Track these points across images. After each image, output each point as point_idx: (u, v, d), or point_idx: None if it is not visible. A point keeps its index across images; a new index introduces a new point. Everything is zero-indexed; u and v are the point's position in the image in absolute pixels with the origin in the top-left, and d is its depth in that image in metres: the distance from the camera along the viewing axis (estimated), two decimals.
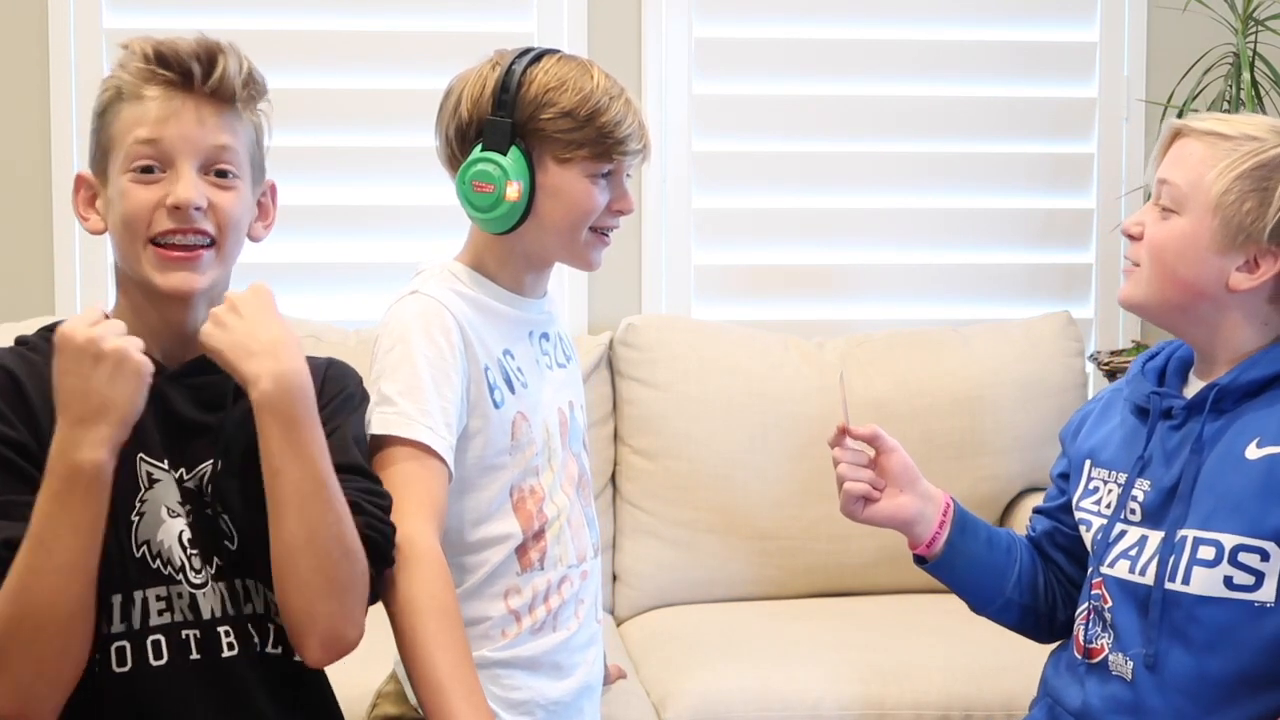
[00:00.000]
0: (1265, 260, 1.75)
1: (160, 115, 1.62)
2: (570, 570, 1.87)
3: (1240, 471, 1.73)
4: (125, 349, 1.51)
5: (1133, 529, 1.81)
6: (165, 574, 1.61)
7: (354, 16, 3.11)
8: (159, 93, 1.63)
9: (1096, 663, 1.81)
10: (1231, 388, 1.77)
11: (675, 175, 3.15)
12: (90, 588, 1.53)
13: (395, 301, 1.83)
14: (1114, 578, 1.80)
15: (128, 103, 1.64)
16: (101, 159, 1.66)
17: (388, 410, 1.74)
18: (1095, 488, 1.89)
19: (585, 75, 1.82)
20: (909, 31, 3.21)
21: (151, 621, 1.60)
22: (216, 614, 1.63)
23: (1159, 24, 3.23)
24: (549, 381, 1.90)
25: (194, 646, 1.62)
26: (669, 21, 3.14)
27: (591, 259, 1.88)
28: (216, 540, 1.64)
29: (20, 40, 3.05)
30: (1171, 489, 1.77)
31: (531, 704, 1.83)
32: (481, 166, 1.79)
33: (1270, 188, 1.74)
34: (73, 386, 1.50)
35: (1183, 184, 1.78)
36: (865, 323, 3.14)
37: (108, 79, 1.67)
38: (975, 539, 1.94)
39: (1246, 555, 1.70)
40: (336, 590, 1.60)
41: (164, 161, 1.62)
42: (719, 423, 2.88)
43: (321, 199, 3.06)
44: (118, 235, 1.65)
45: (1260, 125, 1.78)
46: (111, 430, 1.51)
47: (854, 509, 1.91)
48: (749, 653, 2.54)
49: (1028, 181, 3.25)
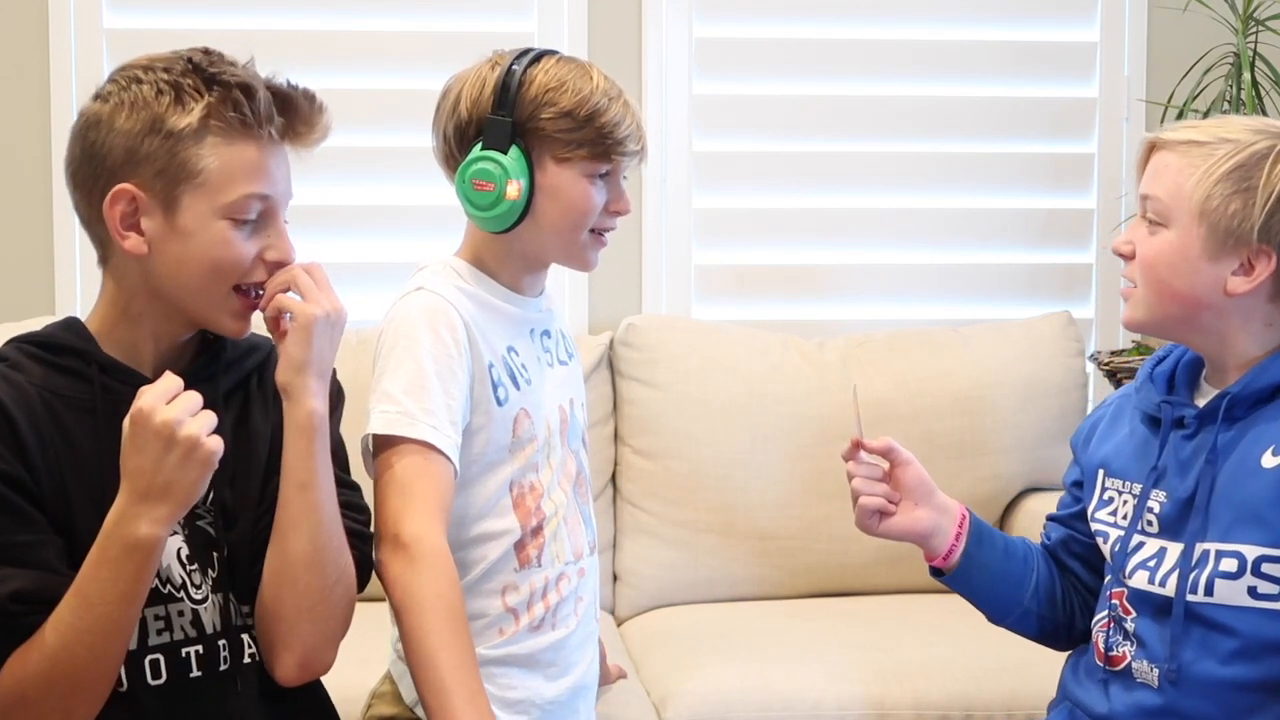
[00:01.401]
0: (1260, 260, 1.73)
1: (270, 170, 1.62)
2: (567, 567, 1.87)
3: (1257, 480, 1.71)
4: (198, 439, 1.49)
5: (1151, 540, 1.79)
6: (164, 593, 1.60)
7: (354, 16, 3.11)
8: (270, 144, 1.62)
9: (1119, 670, 1.80)
10: (1243, 395, 1.75)
11: (675, 175, 3.15)
12: (126, 647, 1.54)
13: (400, 298, 1.82)
14: (1135, 589, 1.79)
15: (231, 142, 1.59)
16: (167, 181, 1.58)
17: (390, 409, 1.74)
18: (1110, 498, 1.87)
19: (584, 76, 1.82)
20: (909, 31, 3.21)
21: (150, 641, 1.60)
22: (217, 627, 1.63)
23: (1159, 24, 3.22)
24: (550, 378, 1.89)
25: (195, 663, 1.61)
26: (669, 21, 3.14)
27: (589, 260, 1.88)
28: (208, 552, 1.64)
29: (20, 40, 3.05)
30: (1188, 500, 1.75)
31: (527, 703, 1.83)
32: (482, 165, 1.79)
33: (1253, 186, 1.71)
34: (141, 465, 1.49)
35: (1164, 196, 1.76)
36: (865, 323, 3.14)
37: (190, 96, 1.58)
38: (992, 550, 1.93)
39: (1270, 566, 1.69)
40: (325, 610, 1.61)
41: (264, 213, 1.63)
42: (719, 423, 2.88)
43: (324, 199, 3.05)
44: (198, 275, 1.61)
45: (1234, 126, 1.76)
46: (174, 510, 1.51)
47: (870, 523, 1.88)
48: (749, 653, 2.54)
49: (1028, 181, 3.25)
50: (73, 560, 1.54)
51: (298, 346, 1.61)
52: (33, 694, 1.51)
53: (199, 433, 1.49)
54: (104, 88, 1.63)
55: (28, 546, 1.53)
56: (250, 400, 1.70)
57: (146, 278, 1.62)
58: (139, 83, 1.59)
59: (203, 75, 1.60)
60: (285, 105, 1.63)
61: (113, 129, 1.59)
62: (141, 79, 1.60)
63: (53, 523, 1.55)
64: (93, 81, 1.68)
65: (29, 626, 1.52)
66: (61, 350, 1.61)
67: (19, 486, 1.54)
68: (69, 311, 2.85)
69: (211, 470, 1.51)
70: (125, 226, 1.60)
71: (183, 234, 1.59)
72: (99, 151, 1.59)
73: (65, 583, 1.52)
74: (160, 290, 1.63)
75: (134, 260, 1.61)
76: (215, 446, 1.50)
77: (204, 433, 1.49)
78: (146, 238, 1.60)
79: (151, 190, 1.59)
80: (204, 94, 1.59)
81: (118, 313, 1.64)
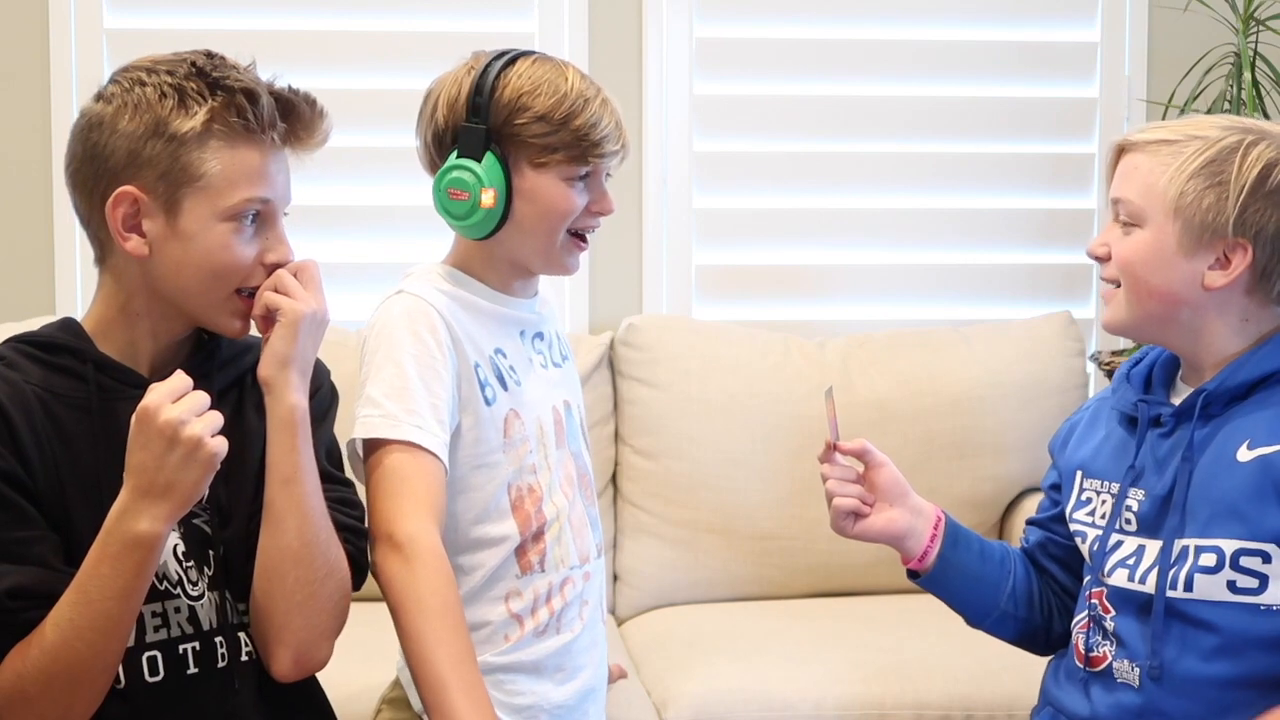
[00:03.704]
0: (1235, 254, 1.73)
1: (271, 175, 1.64)
2: (572, 571, 1.86)
3: (1233, 475, 1.71)
4: (201, 439, 1.49)
5: (1129, 539, 1.80)
6: (161, 589, 1.61)
7: (355, 16, 3.11)
8: (271, 149, 1.63)
9: (1099, 671, 1.80)
10: (1219, 392, 1.75)
11: (675, 175, 3.15)
12: (125, 643, 1.55)
13: (381, 302, 1.83)
14: (1114, 587, 1.79)
15: (234, 146, 1.60)
16: (169, 184, 1.59)
17: (373, 413, 1.74)
18: (1088, 499, 1.87)
19: (560, 77, 1.81)
20: (909, 31, 3.20)
21: (148, 638, 1.60)
22: (214, 624, 1.63)
23: (1160, 24, 3.22)
24: (542, 380, 1.89)
25: (192, 660, 1.62)
26: (669, 21, 3.13)
27: (567, 264, 1.87)
28: (205, 549, 1.64)
29: (21, 40, 3.05)
30: (1166, 497, 1.76)
31: (535, 708, 1.82)
32: (456, 174, 1.79)
33: (1225, 180, 1.71)
34: (144, 462, 1.49)
35: (1136, 198, 1.76)
36: (865, 323, 3.14)
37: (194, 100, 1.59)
38: (967, 552, 1.93)
39: (1248, 559, 1.69)
40: (316, 605, 1.61)
41: (264, 215, 1.64)
42: (719, 423, 2.87)
43: (327, 199, 3.05)
44: (198, 277, 1.62)
45: (1202, 124, 1.77)
46: (175, 509, 1.51)
47: (844, 525, 1.90)
48: (749, 653, 2.54)
49: (1029, 181, 3.25)
50: (69, 558, 1.55)
51: (283, 342, 1.63)
52: (32, 690, 1.52)
53: (202, 433, 1.49)
54: (106, 89, 1.63)
55: (25, 543, 1.53)
56: (244, 398, 1.71)
57: (146, 278, 1.63)
58: (142, 85, 1.60)
59: (206, 79, 1.60)
60: (288, 110, 1.64)
61: (115, 130, 1.59)
62: (145, 81, 1.60)
63: (49, 520, 1.56)
64: (93, 82, 1.68)
65: (26, 622, 1.53)
66: (57, 349, 1.62)
67: (15, 483, 1.54)
68: (69, 311, 2.85)
69: (213, 471, 1.52)
70: (127, 228, 1.60)
71: (184, 237, 1.60)
72: (101, 152, 1.60)
73: (62, 579, 1.52)
74: (160, 291, 1.63)
75: (134, 261, 1.61)
76: (218, 448, 1.51)
77: (208, 433, 1.50)
78: (148, 239, 1.60)
79: (154, 193, 1.59)
80: (208, 98, 1.60)
81: (115, 311, 1.65)
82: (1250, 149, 1.72)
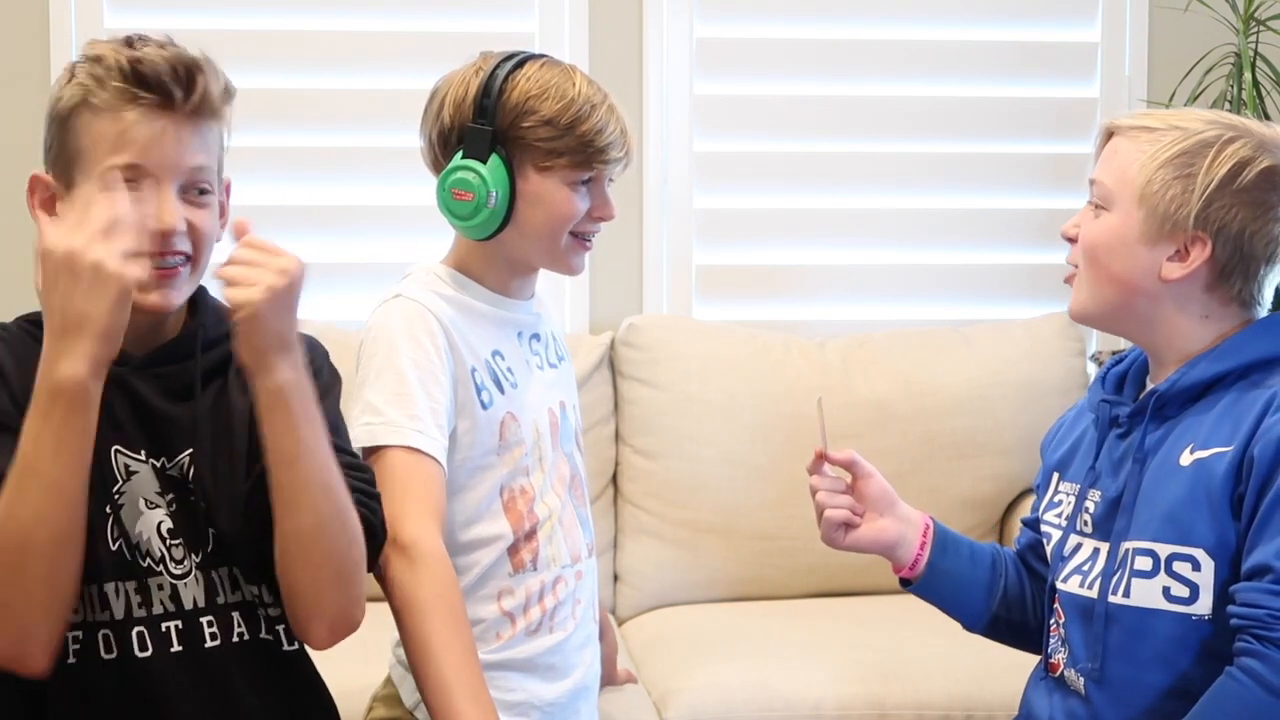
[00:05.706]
0: (1195, 247, 1.72)
1: (142, 140, 1.58)
2: (564, 570, 1.87)
3: (1174, 479, 1.69)
4: (101, 261, 1.46)
5: (1087, 541, 1.79)
6: (144, 566, 1.60)
7: (354, 16, 3.11)
8: (138, 116, 1.59)
9: (1057, 677, 1.80)
10: (1171, 393, 1.73)
11: (676, 175, 3.15)
12: (77, 511, 1.50)
13: (378, 306, 1.83)
14: (1066, 592, 1.79)
15: (102, 118, 1.59)
16: (65, 164, 1.62)
17: (375, 420, 1.74)
18: (1059, 500, 1.86)
19: (568, 82, 1.81)
20: (909, 31, 3.21)
21: (134, 614, 1.60)
22: (200, 604, 1.62)
23: (1160, 24, 3.22)
24: (539, 382, 1.89)
25: (175, 638, 1.61)
26: (669, 21, 3.14)
27: (573, 264, 1.88)
28: (200, 529, 1.63)
29: (21, 40, 3.05)
30: (1116, 500, 1.75)
31: (527, 705, 1.83)
32: (461, 175, 1.79)
33: (1193, 173, 1.70)
34: (53, 302, 1.48)
35: (1109, 181, 1.76)
36: (866, 323, 3.14)
37: (72, 81, 1.61)
38: (957, 557, 1.93)
39: (1180, 564, 1.67)
40: (344, 575, 1.59)
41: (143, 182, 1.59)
42: (720, 423, 2.88)
43: (327, 199, 3.06)
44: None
45: (1189, 116, 1.76)
46: (92, 344, 1.47)
47: (835, 537, 1.90)
48: (749, 653, 2.54)
49: (1029, 181, 3.25)
50: None
51: (249, 332, 1.55)
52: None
53: (102, 256, 1.46)
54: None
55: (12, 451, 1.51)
56: (229, 379, 1.67)
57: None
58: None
59: (87, 56, 1.62)
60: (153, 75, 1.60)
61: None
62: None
63: None
64: None
65: None
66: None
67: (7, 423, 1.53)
68: None
69: (126, 296, 1.47)
70: (50, 212, 1.64)
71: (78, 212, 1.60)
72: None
73: None
74: None
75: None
76: (121, 268, 1.46)
77: (110, 256, 1.46)
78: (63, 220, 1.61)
79: (56, 174, 1.64)
80: (76, 73, 1.61)
81: None
82: (1226, 145, 1.71)
